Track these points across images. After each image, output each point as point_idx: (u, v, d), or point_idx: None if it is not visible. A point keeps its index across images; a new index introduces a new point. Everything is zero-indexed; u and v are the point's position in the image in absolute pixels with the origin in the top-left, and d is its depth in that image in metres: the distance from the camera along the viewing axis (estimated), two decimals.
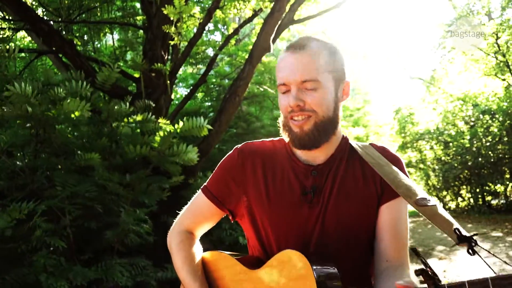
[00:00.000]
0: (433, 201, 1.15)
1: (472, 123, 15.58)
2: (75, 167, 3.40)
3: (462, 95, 15.97)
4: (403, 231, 1.29)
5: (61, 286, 2.73)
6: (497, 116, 14.00)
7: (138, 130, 4.39)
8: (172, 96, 5.73)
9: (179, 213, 1.47)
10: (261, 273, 1.21)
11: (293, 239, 1.27)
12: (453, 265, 6.31)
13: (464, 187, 16.40)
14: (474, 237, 1.02)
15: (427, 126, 18.60)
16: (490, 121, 14.48)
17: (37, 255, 2.84)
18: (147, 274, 3.52)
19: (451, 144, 16.28)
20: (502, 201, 15.09)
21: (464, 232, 1.03)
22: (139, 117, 3.89)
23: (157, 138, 3.55)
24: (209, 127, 3.93)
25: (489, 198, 15.73)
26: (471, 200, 16.23)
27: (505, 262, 1.09)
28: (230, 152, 1.40)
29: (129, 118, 4.00)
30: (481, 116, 14.71)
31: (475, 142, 14.66)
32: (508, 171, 14.41)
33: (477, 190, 15.69)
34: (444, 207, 17.96)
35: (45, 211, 2.95)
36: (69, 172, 3.33)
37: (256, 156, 1.36)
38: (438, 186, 18.07)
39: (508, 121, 13.60)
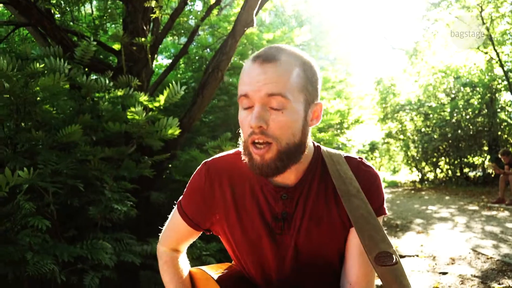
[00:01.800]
0: (395, 259, 1.06)
1: (453, 95, 15.76)
2: (56, 144, 3.36)
3: (444, 67, 16.07)
4: None
5: (47, 264, 2.74)
6: (478, 89, 14.19)
7: (119, 107, 4.34)
8: (153, 65, 5.66)
9: (156, 192, 1.48)
10: None
11: (267, 266, 1.25)
12: (430, 239, 6.49)
13: (443, 158, 16.71)
14: None
15: (408, 97, 18.74)
16: (470, 94, 14.67)
17: (22, 233, 2.83)
18: (131, 250, 3.54)
19: (431, 116, 16.48)
20: (479, 174, 15.44)
21: None
22: (119, 92, 3.84)
23: (137, 117, 3.51)
24: (184, 88, 3.90)
25: (466, 170, 16.09)
26: (449, 172, 16.57)
27: None
28: (198, 168, 1.32)
29: (110, 93, 3.94)
30: (462, 88, 14.90)
31: (455, 114, 14.88)
32: (486, 143, 14.71)
33: (456, 162, 16.02)
34: (422, 178, 18.32)
35: (28, 189, 2.93)
36: (50, 149, 3.29)
37: (224, 176, 1.27)
38: (417, 157, 18.38)
39: (488, 94, 13.82)
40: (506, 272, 4.55)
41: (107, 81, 3.74)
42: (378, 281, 3.31)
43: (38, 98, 3.28)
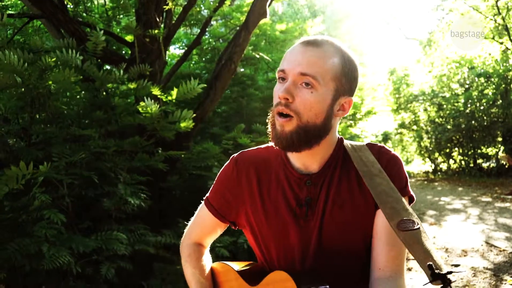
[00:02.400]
0: (417, 224, 1.09)
1: (467, 86, 15.56)
2: (70, 136, 3.40)
3: (458, 57, 15.86)
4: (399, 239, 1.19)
5: (63, 256, 2.78)
6: (492, 79, 13.97)
7: (133, 98, 4.37)
8: (166, 56, 5.67)
9: (169, 183, 1.50)
10: None
11: (290, 253, 1.27)
12: (443, 231, 6.47)
13: (456, 149, 16.56)
14: (449, 276, 0.93)
15: (421, 88, 18.56)
16: (485, 84, 14.47)
17: (37, 225, 2.87)
18: (145, 241, 3.58)
19: (445, 106, 16.31)
20: (493, 164, 15.29)
21: (440, 268, 0.96)
22: (132, 85, 3.86)
23: (149, 109, 3.53)
24: (202, 86, 3.90)
25: (480, 161, 15.93)
26: (463, 162, 16.43)
27: None
28: (226, 163, 1.39)
29: (123, 85, 3.97)
30: (476, 79, 14.68)
31: (469, 105, 14.70)
32: (500, 134, 14.53)
33: (469, 153, 15.87)
34: (435, 168, 18.19)
35: (43, 182, 2.97)
36: (64, 142, 3.33)
37: (251, 167, 1.34)
38: (430, 148, 18.23)
39: (503, 85, 13.61)
40: None
41: (121, 73, 3.76)
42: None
43: (52, 91, 3.31)
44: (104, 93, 4.01)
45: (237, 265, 1.40)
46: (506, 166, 11.23)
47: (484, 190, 10.93)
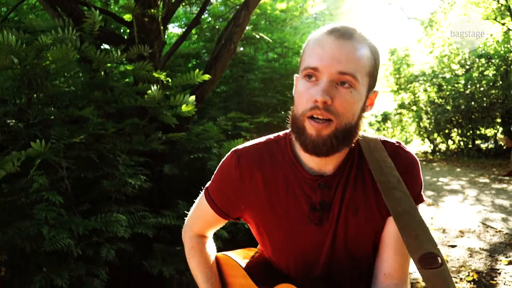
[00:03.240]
0: (441, 260, 1.01)
1: (467, 67, 15.49)
2: (68, 118, 3.38)
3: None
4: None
5: (63, 238, 2.79)
6: (493, 60, 13.89)
7: (132, 78, 4.33)
8: (165, 36, 5.60)
9: (169, 164, 1.45)
10: None
11: (301, 258, 1.22)
12: (440, 211, 6.51)
13: (455, 130, 16.57)
14: None
15: (422, 68, 18.46)
16: (486, 65, 14.39)
17: (37, 207, 2.87)
18: (145, 223, 3.59)
19: (445, 87, 16.25)
20: (491, 145, 15.31)
21: None
22: (130, 66, 3.82)
23: (151, 92, 3.50)
24: (206, 77, 3.86)
25: (478, 142, 15.95)
26: (461, 143, 16.45)
27: None
28: (227, 156, 1.29)
29: (121, 65, 3.93)
30: (477, 60, 14.60)
31: (469, 86, 14.65)
32: (499, 115, 14.52)
33: (468, 134, 15.88)
34: (434, 149, 18.22)
35: (41, 164, 2.96)
36: (63, 123, 3.31)
37: (255, 166, 1.23)
38: (429, 129, 18.26)
39: (504, 66, 13.54)
40: None
41: (119, 53, 3.71)
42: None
43: (50, 71, 3.27)
44: (103, 73, 3.97)
45: (241, 258, 1.36)
46: (505, 147, 11.25)
47: (482, 171, 10.98)
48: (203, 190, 1.36)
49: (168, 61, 5.23)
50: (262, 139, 1.29)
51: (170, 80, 3.86)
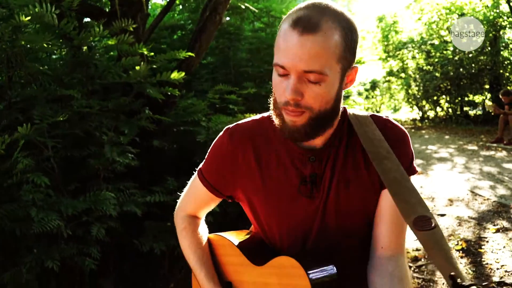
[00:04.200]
0: (433, 222, 1.04)
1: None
2: (51, 97, 3.30)
3: (448, 4, 15.58)
4: (402, 218, 1.18)
5: (52, 220, 2.76)
6: (482, 26, 13.80)
7: (116, 52, 4.22)
8: (149, 8, 5.45)
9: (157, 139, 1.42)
10: (261, 271, 1.22)
11: (293, 232, 1.24)
12: (429, 180, 6.57)
13: (444, 97, 16.62)
14: None
15: (410, 35, 18.35)
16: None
17: (23, 189, 2.83)
18: (135, 201, 3.57)
19: (433, 54, 16.21)
20: (479, 112, 15.41)
21: (462, 279, 0.92)
22: (112, 41, 3.72)
23: (137, 68, 3.42)
24: (189, 54, 3.79)
25: (467, 108, 16.04)
26: (450, 110, 16.53)
27: None
28: (220, 135, 1.31)
29: (103, 41, 3.83)
30: (465, 25, 14.50)
31: (458, 52, 14.61)
32: (487, 82, 14.57)
33: (456, 100, 15.94)
34: (423, 116, 18.31)
35: (26, 144, 2.90)
36: (46, 103, 3.23)
37: (247, 141, 1.25)
38: (418, 96, 18.29)
39: (492, 32, 13.48)
40: (501, 213, 4.64)
41: (101, 28, 3.60)
42: None
43: (29, 49, 3.17)
44: (85, 48, 3.87)
45: (234, 237, 1.37)
46: (492, 114, 11.33)
47: (470, 138, 11.07)
48: (196, 171, 1.37)
49: (153, 33, 5.10)
50: (255, 116, 1.31)
51: (153, 54, 3.76)
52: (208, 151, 1.34)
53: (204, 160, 1.36)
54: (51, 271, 3.06)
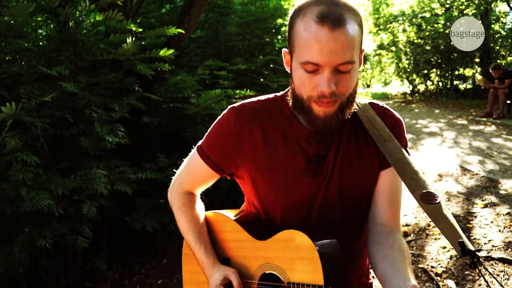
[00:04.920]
0: (437, 197, 1.11)
1: (447, 6, 15.31)
2: (38, 75, 3.23)
3: None
4: (399, 197, 1.30)
5: (43, 199, 2.74)
6: None
7: (103, 28, 4.13)
8: None
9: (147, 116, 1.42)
10: (265, 245, 1.24)
11: (295, 209, 1.28)
12: (419, 155, 6.63)
13: (434, 70, 16.61)
14: (478, 253, 1.01)
15: (401, 8, 18.21)
16: (466, 4, 14.24)
17: (12, 169, 2.80)
18: (125, 178, 3.56)
19: (424, 27, 16.12)
20: (469, 86, 15.45)
21: (469, 246, 1.01)
22: (99, 17, 3.63)
23: (126, 46, 3.35)
24: (178, 31, 3.73)
25: (457, 82, 16.07)
26: (440, 84, 16.55)
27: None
28: (224, 113, 1.33)
29: (91, 16, 3.74)
30: None
31: (448, 25, 14.54)
32: (478, 55, 14.56)
33: (447, 74, 15.94)
34: (413, 90, 18.34)
35: (13, 124, 2.86)
36: (33, 81, 3.17)
37: (254, 121, 1.28)
38: (408, 69, 18.26)
39: (484, 5, 13.40)
40: (489, 189, 4.71)
41: (87, 3, 3.51)
42: None
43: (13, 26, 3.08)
44: (72, 24, 3.77)
45: (232, 214, 1.38)
46: (482, 88, 11.38)
47: (460, 112, 11.13)
48: (195, 148, 1.39)
49: (141, 7, 5.00)
50: (261, 97, 1.34)
51: (141, 30, 3.69)
52: (210, 128, 1.35)
53: (204, 137, 1.36)
54: (44, 250, 3.07)
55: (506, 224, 3.75)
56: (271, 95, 1.34)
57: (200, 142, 1.38)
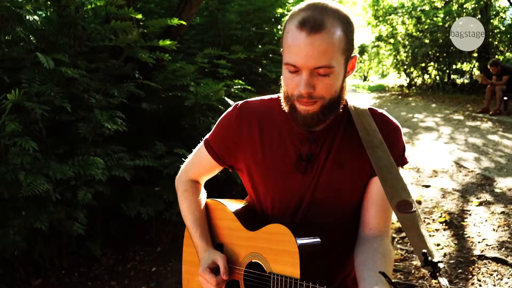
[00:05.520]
0: (414, 206, 1.18)
1: (447, 0, 15.26)
2: (38, 60, 3.21)
3: None
4: (389, 204, 1.31)
5: (41, 184, 2.74)
6: None
7: (104, 12, 4.09)
8: None
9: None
10: (253, 236, 1.34)
11: (285, 204, 1.35)
12: (415, 150, 6.66)
13: (432, 64, 16.61)
14: (440, 264, 1.04)
15: (401, 0, 18.14)
16: None
17: (11, 152, 2.79)
18: (122, 165, 3.55)
19: (423, 20, 16.08)
20: (466, 80, 15.47)
21: (432, 256, 1.07)
22: (100, 3, 3.60)
23: (129, 35, 3.33)
24: (181, 22, 3.71)
25: (454, 76, 16.08)
26: (437, 77, 16.56)
27: None
28: (229, 109, 1.43)
29: (91, 4, 3.71)
30: None
31: (447, 19, 14.51)
32: (476, 50, 14.55)
33: (444, 68, 15.95)
34: (410, 83, 18.35)
35: (13, 107, 2.84)
36: (33, 65, 3.14)
37: (254, 117, 1.38)
38: (406, 62, 18.24)
39: (484, 0, 13.35)
40: (484, 186, 4.75)
41: None
42: None
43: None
44: (73, 8, 3.73)
45: (231, 204, 1.47)
46: (480, 83, 11.40)
47: (457, 107, 11.16)
48: (203, 140, 1.50)
49: None
50: (265, 97, 1.44)
51: (144, 18, 3.67)
52: (216, 123, 1.46)
53: (211, 131, 1.48)
54: (40, 233, 3.07)
55: (500, 223, 3.79)
56: (275, 95, 1.40)
57: (207, 135, 1.48)
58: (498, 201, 4.29)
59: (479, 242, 3.50)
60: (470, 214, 4.02)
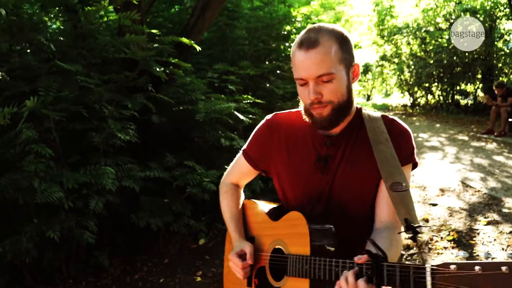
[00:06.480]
0: (406, 187, 1.36)
1: (452, 21, 15.40)
2: (55, 70, 3.26)
3: None
4: None
5: (54, 192, 2.78)
6: (478, 15, 13.82)
7: (116, 25, 4.16)
8: None
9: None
10: (276, 225, 1.56)
11: (306, 199, 1.54)
12: (421, 169, 6.66)
13: (436, 84, 16.69)
14: (418, 229, 1.24)
15: (406, 20, 18.30)
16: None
17: (26, 160, 2.82)
18: (132, 176, 3.58)
19: (428, 41, 16.20)
20: (470, 101, 15.52)
21: (413, 222, 1.27)
22: (113, 16, 3.67)
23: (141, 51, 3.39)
24: (191, 43, 3.80)
25: (458, 97, 16.14)
26: (441, 98, 16.63)
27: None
28: (262, 122, 1.69)
29: (105, 17, 3.78)
30: (462, 14, 14.49)
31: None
32: (480, 71, 14.65)
33: (448, 88, 16.02)
34: (414, 102, 18.42)
35: (29, 115, 2.88)
36: (50, 74, 3.20)
37: (281, 128, 1.63)
38: (410, 82, 18.35)
39: (488, 22, 13.49)
40: (492, 206, 4.74)
41: (106, 3, 3.54)
42: None
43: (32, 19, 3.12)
44: (88, 19, 3.80)
45: (264, 204, 1.72)
46: (484, 104, 11.44)
47: (461, 127, 11.19)
48: (241, 150, 1.75)
49: (152, 6, 5.02)
50: (293, 110, 1.67)
51: (159, 33, 3.74)
52: (251, 134, 1.71)
53: (247, 142, 1.73)
54: (49, 241, 3.08)
55: (509, 243, 3.78)
56: (300, 108, 1.59)
57: (244, 146, 1.74)
58: (506, 221, 4.28)
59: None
60: (478, 233, 4.01)
